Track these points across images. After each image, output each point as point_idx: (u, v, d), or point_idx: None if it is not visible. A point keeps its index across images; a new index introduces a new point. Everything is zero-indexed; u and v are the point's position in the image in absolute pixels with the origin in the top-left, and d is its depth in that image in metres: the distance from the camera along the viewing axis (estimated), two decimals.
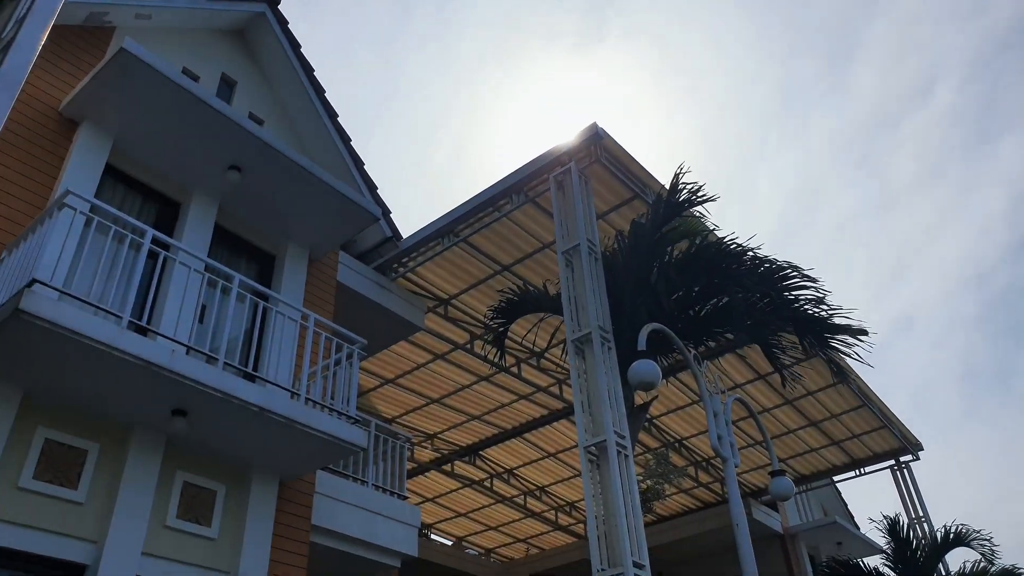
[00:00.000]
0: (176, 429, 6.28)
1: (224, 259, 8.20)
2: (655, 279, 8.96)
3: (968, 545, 15.13)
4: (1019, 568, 14.94)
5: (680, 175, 9.07)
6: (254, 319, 7.69)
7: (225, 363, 6.48)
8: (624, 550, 6.57)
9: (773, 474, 7.78)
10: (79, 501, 5.85)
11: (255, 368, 7.31)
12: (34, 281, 5.29)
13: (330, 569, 8.85)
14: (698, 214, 9.32)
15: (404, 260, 10.96)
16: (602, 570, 6.63)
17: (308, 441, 6.84)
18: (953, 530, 15.23)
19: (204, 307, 7.13)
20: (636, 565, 6.58)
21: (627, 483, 7.12)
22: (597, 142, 9.28)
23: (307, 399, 7.11)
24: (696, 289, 9.33)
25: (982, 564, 15.04)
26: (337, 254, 9.68)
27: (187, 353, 6.29)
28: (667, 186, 9.45)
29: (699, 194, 8.99)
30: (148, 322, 6.48)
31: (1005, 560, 23.23)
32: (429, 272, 11.68)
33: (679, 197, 8.99)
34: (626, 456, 7.35)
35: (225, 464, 6.96)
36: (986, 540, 15.00)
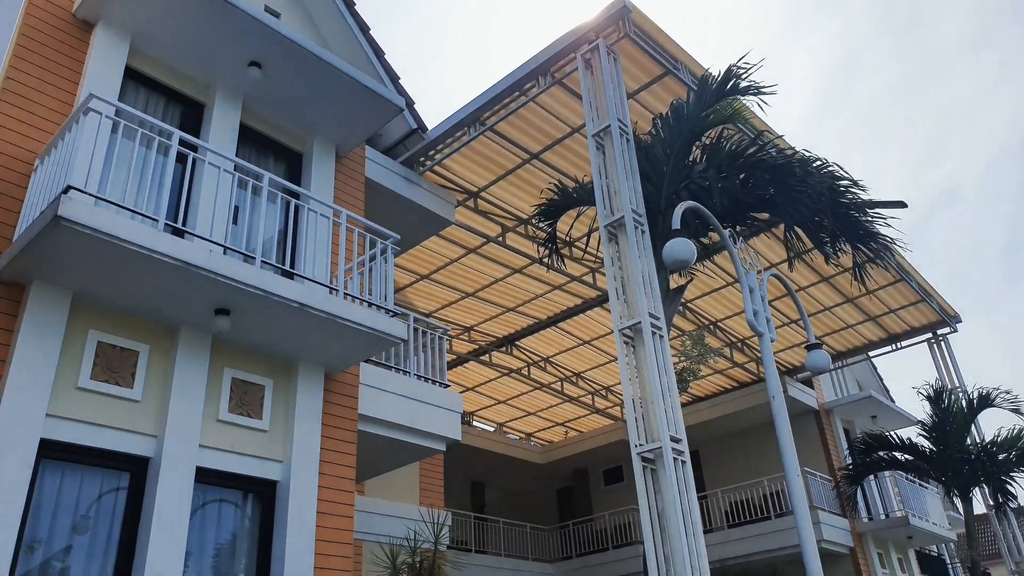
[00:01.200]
0: (220, 328, 6.44)
1: (252, 159, 8.17)
2: (705, 169, 8.72)
3: (994, 405, 15.33)
4: None
5: (746, 70, 8.64)
6: (287, 218, 7.75)
7: (263, 262, 6.57)
8: (661, 426, 6.72)
9: (809, 348, 7.80)
10: (136, 399, 6.11)
11: (292, 266, 7.41)
12: (69, 188, 5.32)
13: (379, 454, 9.25)
14: (747, 102, 9.02)
15: (431, 153, 10.81)
16: (639, 445, 6.81)
17: (349, 335, 6.99)
18: (979, 393, 15.42)
19: (237, 208, 7.18)
20: (673, 439, 6.74)
21: (662, 362, 7.20)
22: (625, 16, 8.86)
23: (345, 294, 7.22)
24: (739, 178, 9.11)
25: (1017, 429, 15.26)
26: (364, 149, 9.58)
27: (224, 253, 6.37)
28: (702, 63, 9.06)
29: (750, 80, 8.64)
30: (183, 224, 6.53)
31: None
32: (457, 164, 11.54)
33: (730, 85, 8.62)
34: (661, 336, 7.40)
35: (271, 359, 7.17)
36: (1010, 396, 15.19)
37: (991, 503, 15.29)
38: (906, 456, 16.47)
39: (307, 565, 6.63)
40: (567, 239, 12.88)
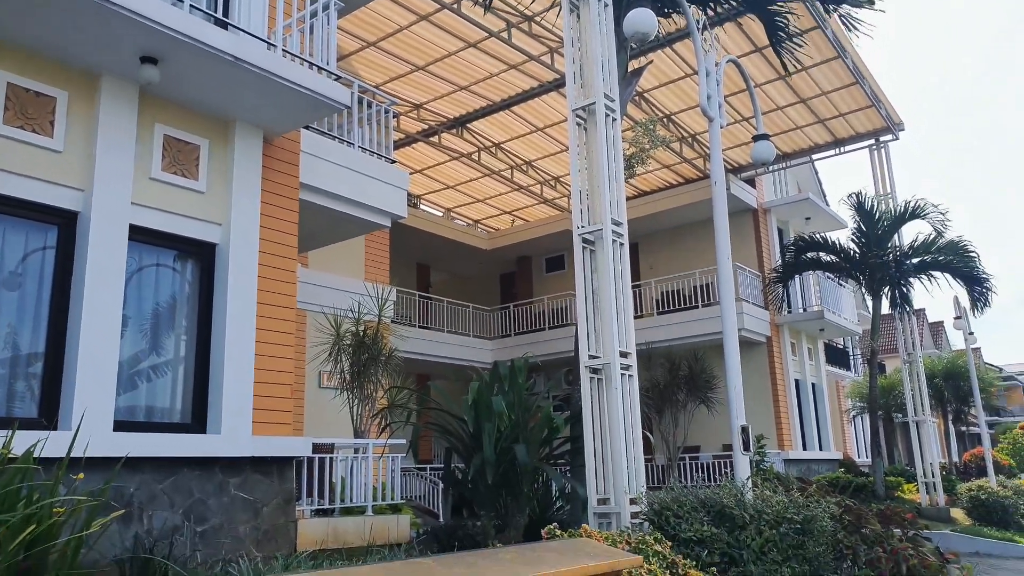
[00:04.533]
0: (148, 78, 5.98)
1: None
2: None
3: (923, 218, 16.04)
4: (964, 239, 16.03)
5: None
6: None
7: (192, 6, 6.00)
8: (604, 209, 6.77)
9: (756, 138, 7.77)
10: (57, 149, 5.76)
11: (225, 15, 6.79)
12: None
13: (322, 225, 9.20)
14: None
15: None
16: (581, 227, 6.89)
17: (288, 96, 6.61)
18: (911, 205, 16.03)
19: None
20: (614, 222, 6.82)
21: (612, 146, 7.11)
22: None
23: (284, 51, 6.73)
24: None
25: (932, 236, 16.11)
26: None
27: None
28: None
29: None
30: None
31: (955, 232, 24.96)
32: None
33: None
34: (614, 119, 7.23)
35: (206, 118, 6.79)
36: (938, 211, 15.88)
37: (897, 302, 16.46)
38: (832, 257, 17.33)
39: (248, 328, 6.73)
40: (523, 10, 12.16)
